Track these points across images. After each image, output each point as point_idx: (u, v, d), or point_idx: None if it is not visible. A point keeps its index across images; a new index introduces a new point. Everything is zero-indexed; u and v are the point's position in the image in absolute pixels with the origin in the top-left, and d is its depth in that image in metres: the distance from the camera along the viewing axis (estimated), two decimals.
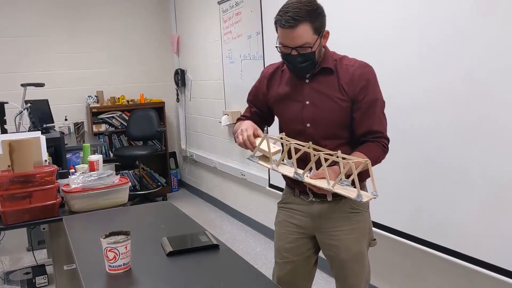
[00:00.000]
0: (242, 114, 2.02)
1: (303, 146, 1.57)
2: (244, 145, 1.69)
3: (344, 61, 1.72)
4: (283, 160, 1.65)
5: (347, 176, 1.52)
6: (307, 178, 1.57)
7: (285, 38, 1.63)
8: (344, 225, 1.79)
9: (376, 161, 1.71)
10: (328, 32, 1.69)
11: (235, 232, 4.44)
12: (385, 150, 1.73)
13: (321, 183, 1.53)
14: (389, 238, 2.51)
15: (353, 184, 1.49)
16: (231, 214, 4.92)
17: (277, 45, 1.69)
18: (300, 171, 1.57)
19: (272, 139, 1.67)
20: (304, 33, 1.60)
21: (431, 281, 2.49)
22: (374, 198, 1.50)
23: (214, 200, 5.36)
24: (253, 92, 1.97)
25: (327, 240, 1.83)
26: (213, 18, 4.79)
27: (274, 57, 1.86)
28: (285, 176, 1.88)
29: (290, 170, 1.61)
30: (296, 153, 1.57)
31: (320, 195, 1.78)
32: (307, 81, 1.75)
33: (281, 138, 1.63)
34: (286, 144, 1.59)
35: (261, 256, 3.81)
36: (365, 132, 1.72)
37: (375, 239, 1.88)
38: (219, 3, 4.56)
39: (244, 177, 4.42)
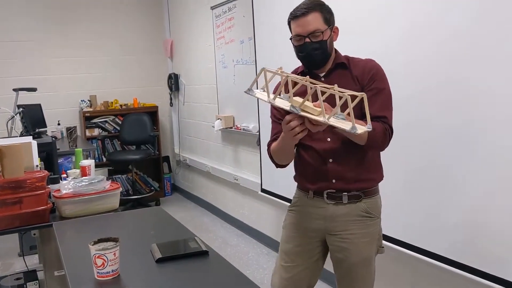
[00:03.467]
0: (271, 137, 1.91)
1: (301, 79, 1.55)
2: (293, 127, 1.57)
3: (354, 59, 1.85)
4: (280, 94, 1.61)
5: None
6: (303, 112, 1.52)
7: (298, 26, 1.74)
8: (357, 228, 1.82)
9: (375, 139, 1.69)
10: (337, 29, 1.81)
11: (227, 237, 4.44)
12: (386, 133, 1.73)
13: (317, 116, 1.50)
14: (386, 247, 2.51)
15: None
16: (224, 219, 4.93)
17: (291, 38, 1.78)
18: (297, 104, 1.53)
19: (270, 73, 1.61)
20: (315, 19, 1.72)
21: None
22: (369, 130, 1.49)
23: (207, 204, 5.36)
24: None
25: (338, 243, 1.84)
26: (206, 23, 4.81)
27: (266, 63, 1.87)
28: (297, 179, 1.93)
29: (286, 104, 1.57)
30: (294, 86, 1.54)
31: (335, 197, 1.82)
32: (322, 79, 1.81)
33: (280, 70, 1.58)
34: (283, 77, 1.56)
35: (253, 261, 3.82)
36: (371, 117, 1.72)
37: (383, 247, 1.90)
38: (212, 8, 4.58)
39: (237, 181, 4.43)
